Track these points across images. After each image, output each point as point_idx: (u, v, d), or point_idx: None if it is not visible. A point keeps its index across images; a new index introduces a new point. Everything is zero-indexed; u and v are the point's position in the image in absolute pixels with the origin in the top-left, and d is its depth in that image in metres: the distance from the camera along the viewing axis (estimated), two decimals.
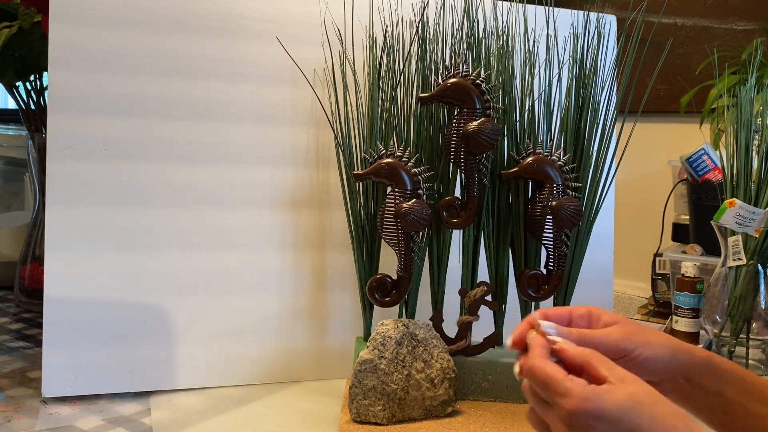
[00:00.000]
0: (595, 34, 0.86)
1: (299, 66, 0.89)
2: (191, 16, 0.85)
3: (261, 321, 0.89)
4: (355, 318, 0.92)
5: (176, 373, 0.85)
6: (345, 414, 0.77)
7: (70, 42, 0.80)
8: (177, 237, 0.85)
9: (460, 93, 0.79)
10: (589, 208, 0.86)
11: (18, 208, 1.34)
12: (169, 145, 0.85)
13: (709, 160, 1.23)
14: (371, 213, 0.86)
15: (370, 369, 0.75)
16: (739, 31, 1.63)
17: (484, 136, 0.78)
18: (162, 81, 0.84)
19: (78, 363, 0.81)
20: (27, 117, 1.11)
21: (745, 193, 0.91)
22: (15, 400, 0.80)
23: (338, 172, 0.88)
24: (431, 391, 0.76)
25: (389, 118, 0.86)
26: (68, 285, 0.81)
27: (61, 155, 0.80)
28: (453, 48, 0.88)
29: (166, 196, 0.85)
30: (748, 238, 0.90)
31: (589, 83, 0.86)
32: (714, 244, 0.99)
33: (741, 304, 0.91)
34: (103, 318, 0.82)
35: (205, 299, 0.87)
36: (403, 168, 0.78)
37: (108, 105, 0.82)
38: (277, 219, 0.90)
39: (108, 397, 0.83)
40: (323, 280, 0.92)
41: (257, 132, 0.89)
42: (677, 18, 1.70)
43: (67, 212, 0.81)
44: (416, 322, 0.78)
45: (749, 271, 0.91)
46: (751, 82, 0.93)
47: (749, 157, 0.91)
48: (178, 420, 0.77)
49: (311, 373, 0.92)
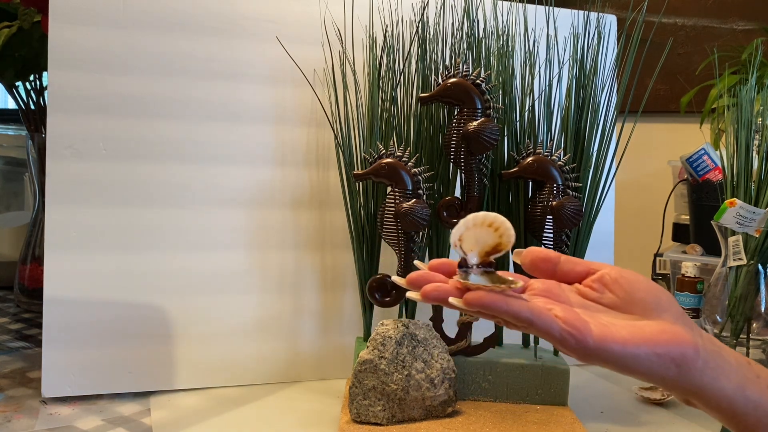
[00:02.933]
0: (596, 34, 0.86)
1: (299, 66, 0.89)
2: (191, 15, 0.85)
3: (261, 321, 0.89)
4: (355, 318, 0.92)
5: (176, 373, 0.85)
6: (345, 414, 0.77)
7: (69, 42, 0.80)
8: (177, 237, 0.85)
9: (460, 93, 0.79)
10: (589, 208, 0.86)
11: (18, 208, 1.34)
12: (169, 144, 0.85)
13: (709, 160, 1.23)
14: (371, 213, 0.86)
15: (370, 369, 0.75)
16: (740, 30, 1.62)
17: (484, 136, 0.78)
18: (162, 81, 0.84)
19: (78, 363, 0.81)
20: (27, 117, 1.11)
21: (746, 193, 0.91)
22: (15, 400, 0.80)
23: (338, 172, 0.88)
24: (431, 392, 0.76)
25: (389, 118, 0.86)
26: (68, 285, 0.81)
27: (61, 155, 0.80)
28: (453, 48, 0.87)
29: (165, 196, 0.85)
30: (748, 238, 0.90)
31: (590, 83, 0.85)
32: (714, 244, 0.99)
33: (741, 304, 0.91)
34: (103, 318, 0.82)
35: (205, 299, 0.87)
36: (403, 168, 0.78)
37: (108, 105, 0.82)
38: (277, 219, 0.90)
39: (108, 397, 0.83)
40: (323, 280, 0.92)
41: (257, 132, 0.89)
42: (677, 18, 1.70)
43: (66, 212, 0.81)
44: (416, 322, 0.78)
45: (749, 271, 0.91)
46: (751, 82, 0.93)
47: (749, 157, 0.91)
48: (178, 420, 0.77)
49: (311, 373, 0.92)
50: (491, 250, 0.43)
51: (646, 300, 0.43)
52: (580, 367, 1.01)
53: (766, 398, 0.43)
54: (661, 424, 0.82)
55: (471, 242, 0.44)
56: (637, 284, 0.44)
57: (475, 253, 0.44)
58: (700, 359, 0.42)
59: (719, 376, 0.43)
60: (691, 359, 0.42)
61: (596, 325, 0.41)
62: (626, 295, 0.44)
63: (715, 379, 0.43)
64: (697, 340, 0.42)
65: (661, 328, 0.42)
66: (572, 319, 0.41)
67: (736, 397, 0.43)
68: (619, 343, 0.40)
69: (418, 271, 0.43)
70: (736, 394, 0.43)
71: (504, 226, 0.44)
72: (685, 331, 0.42)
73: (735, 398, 0.43)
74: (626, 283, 0.44)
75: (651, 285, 0.44)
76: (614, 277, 0.44)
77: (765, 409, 0.43)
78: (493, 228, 0.44)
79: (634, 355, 0.41)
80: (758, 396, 0.43)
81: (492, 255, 0.43)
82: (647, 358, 0.41)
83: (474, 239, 0.44)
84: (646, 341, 0.41)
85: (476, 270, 0.43)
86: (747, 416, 0.43)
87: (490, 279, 0.42)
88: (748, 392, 0.43)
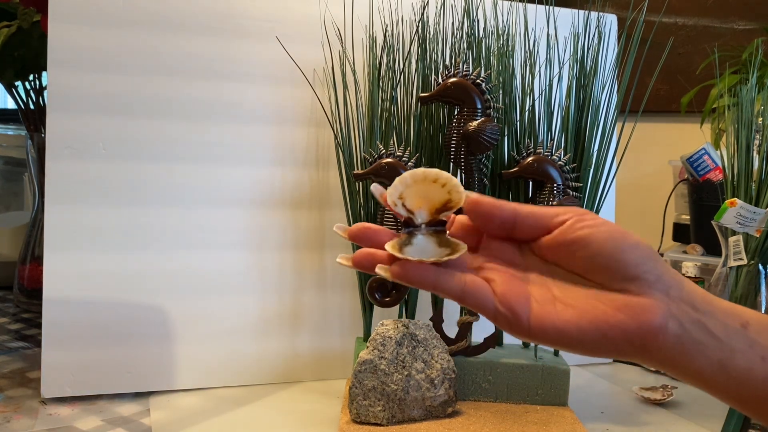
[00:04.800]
0: (596, 34, 0.86)
1: (299, 66, 0.89)
2: (190, 15, 0.85)
3: (261, 321, 0.89)
4: (355, 318, 0.92)
5: (176, 373, 0.85)
6: (345, 414, 0.77)
7: (69, 41, 0.80)
8: (176, 237, 0.85)
9: (461, 93, 0.79)
10: (589, 208, 0.86)
11: (17, 208, 1.34)
12: (168, 144, 0.85)
13: (709, 160, 1.23)
14: (371, 213, 0.86)
15: (370, 369, 0.74)
16: (740, 30, 1.62)
17: (484, 135, 0.78)
18: (161, 81, 0.84)
19: (77, 363, 0.81)
20: (26, 117, 1.11)
21: (746, 192, 0.90)
22: (14, 400, 0.80)
23: (338, 172, 0.88)
24: (431, 392, 0.76)
25: (389, 117, 0.86)
26: (67, 285, 0.81)
27: (61, 155, 0.80)
28: (453, 47, 0.87)
29: (165, 196, 0.85)
30: (749, 238, 0.90)
31: (590, 83, 0.85)
32: (715, 244, 0.99)
33: (742, 304, 0.91)
34: (103, 318, 0.82)
35: (205, 299, 0.87)
36: (403, 168, 0.78)
37: (107, 105, 0.82)
38: (277, 219, 0.90)
39: (107, 397, 0.83)
40: (323, 280, 0.92)
41: (257, 132, 0.89)
42: (678, 17, 1.70)
43: (66, 212, 0.80)
44: (416, 322, 0.78)
45: (750, 271, 0.90)
46: (751, 82, 0.93)
47: (750, 156, 0.91)
48: (178, 420, 0.77)
49: (311, 373, 0.91)
50: (441, 206, 0.39)
51: (610, 266, 0.36)
52: (581, 367, 1.01)
53: (756, 371, 0.36)
54: (661, 424, 0.82)
55: (417, 199, 0.39)
56: (603, 244, 0.36)
57: (424, 211, 0.39)
58: (669, 336, 0.36)
59: (695, 354, 0.36)
60: (654, 338, 0.35)
61: (538, 303, 0.37)
62: (589, 258, 0.37)
63: (690, 357, 0.36)
64: (666, 315, 0.36)
65: (622, 302, 0.36)
66: (510, 295, 0.37)
67: (715, 376, 0.36)
68: (558, 327, 0.36)
69: (360, 224, 0.39)
70: (715, 373, 0.36)
71: (451, 181, 0.38)
72: (655, 304, 0.36)
73: (713, 377, 0.36)
74: (592, 244, 0.36)
75: (622, 243, 0.36)
76: (579, 236, 0.37)
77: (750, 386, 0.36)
78: (440, 184, 0.39)
79: (577, 339, 0.36)
80: (744, 369, 0.36)
81: (442, 213, 0.39)
82: (593, 341, 0.36)
83: (420, 196, 0.39)
84: (595, 323, 0.36)
85: (424, 230, 0.39)
86: (728, 392, 0.37)
87: (438, 241, 0.38)
88: (731, 369, 0.36)
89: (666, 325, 0.36)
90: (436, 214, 0.39)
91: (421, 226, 0.39)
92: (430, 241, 0.38)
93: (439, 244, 0.38)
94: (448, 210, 0.39)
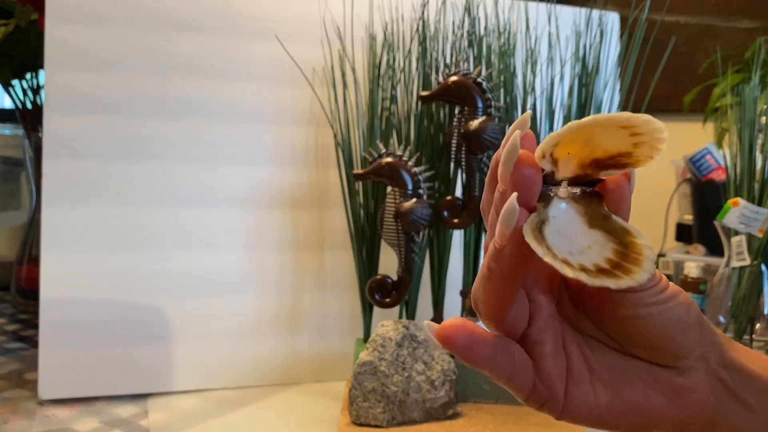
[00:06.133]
0: (598, 32, 0.86)
1: (298, 65, 0.88)
2: (189, 14, 0.84)
3: (260, 322, 0.89)
4: (355, 319, 0.91)
5: (174, 374, 0.85)
6: (345, 416, 0.76)
7: (66, 40, 0.79)
8: (175, 237, 0.85)
9: (462, 92, 0.78)
10: None
11: (14, 208, 1.34)
12: (166, 144, 0.84)
13: (712, 160, 1.22)
14: (371, 213, 0.85)
15: (370, 371, 0.74)
16: (743, 29, 1.62)
17: (485, 135, 0.77)
18: (159, 80, 0.83)
19: (75, 364, 0.80)
20: (23, 116, 1.10)
21: (749, 192, 0.90)
22: (11, 402, 0.79)
23: (338, 171, 0.87)
24: (432, 393, 0.75)
25: (389, 116, 0.85)
26: (65, 285, 0.80)
27: (58, 154, 0.80)
28: (454, 46, 0.87)
29: (163, 196, 0.84)
30: (751, 238, 0.89)
31: (592, 82, 0.85)
32: (717, 245, 0.98)
33: (744, 305, 0.90)
34: (101, 319, 0.81)
35: (204, 300, 0.86)
36: (403, 167, 0.77)
37: (105, 104, 0.81)
38: (277, 219, 0.89)
39: (105, 399, 0.82)
40: (323, 280, 0.91)
41: (256, 131, 0.88)
42: (680, 16, 1.69)
43: (63, 212, 0.80)
44: (416, 323, 0.77)
45: (753, 271, 0.90)
46: (754, 81, 0.92)
47: (753, 156, 0.90)
48: (176, 422, 0.76)
49: (310, 374, 0.91)
50: (607, 158, 0.25)
51: (667, 349, 0.30)
52: None
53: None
54: None
55: (572, 144, 0.25)
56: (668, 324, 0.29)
57: (573, 160, 0.25)
58: (707, 418, 0.32)
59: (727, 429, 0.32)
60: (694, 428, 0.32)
61: (574, 382, 0.31)
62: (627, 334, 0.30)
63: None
64: (709, 404, 0.31)
65: (667, 383, 0.31)
66: (553, 370, 0.30)
67: None
68: (593, 413, 0.31)
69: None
70: None
71: (652, 129, 0.25)
72: (700, 393, 0.31)
73: None
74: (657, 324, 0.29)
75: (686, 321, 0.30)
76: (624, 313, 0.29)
77: None
78: (629, 131, 0.25)
79: (613, 425, 0.31)
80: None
81: (603, 170, 0.26)
82: (630, 426, 0.31)
83: (584, 139, 0.25)
84: (635, 411, 0.31)
85: (563, 191, 0.26)
86: None
87: (588, 217, 0.25)
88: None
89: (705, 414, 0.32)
90: (590, 168, 0.26)
91: (562, 183, 0.26)
92: (576, 214, 0.25)
93: (590, 223, 0.26)
94: (617, 168, 0.26)
